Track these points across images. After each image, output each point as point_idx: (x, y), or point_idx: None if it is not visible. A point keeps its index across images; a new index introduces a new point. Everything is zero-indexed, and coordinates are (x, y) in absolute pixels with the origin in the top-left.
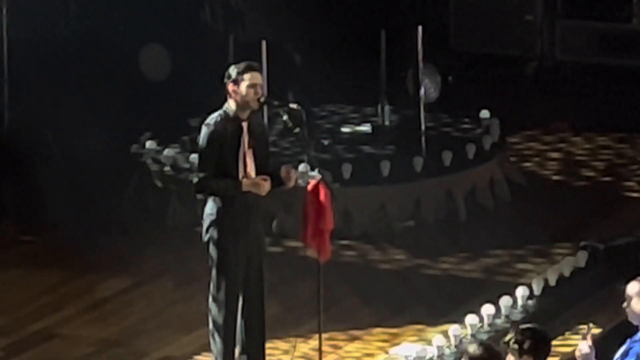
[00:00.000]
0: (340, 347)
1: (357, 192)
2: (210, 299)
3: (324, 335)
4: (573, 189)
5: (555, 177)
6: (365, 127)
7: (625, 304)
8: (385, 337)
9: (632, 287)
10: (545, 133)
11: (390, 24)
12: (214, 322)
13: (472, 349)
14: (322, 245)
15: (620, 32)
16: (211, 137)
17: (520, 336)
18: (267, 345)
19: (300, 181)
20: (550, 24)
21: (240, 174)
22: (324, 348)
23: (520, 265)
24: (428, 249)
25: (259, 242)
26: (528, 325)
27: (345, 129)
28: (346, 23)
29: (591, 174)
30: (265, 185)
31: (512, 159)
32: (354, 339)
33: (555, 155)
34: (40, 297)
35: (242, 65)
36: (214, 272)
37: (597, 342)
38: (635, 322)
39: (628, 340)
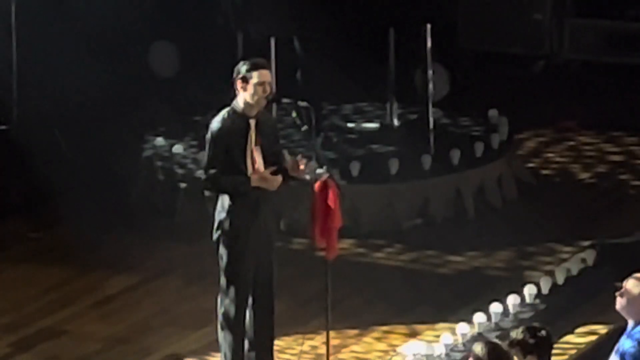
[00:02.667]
0: (347, 345)
1: (365, 190)
2: (220, 296)
3: (331, 333)
4: (581, 188)
5: (564, 176)
6: (374, 125)
7: (621, 294)
8: (393, 335)
9: (633, 284)
10: (553, 131)
11: (399, 22)
12: (224, 319)
13: (479, 348)
14: (330, 243)
15: (628, 30)
16: (219, 134)
17: (524, 335)
18: (276, 342)
19: (308, 176)
20: (559, 22)
21: (249, 171)
22: (332, 345)
23: (528, 264)
24: (436, 247)
25: (269, 239)
26: (532, 324)
27: (353, 127)
28: (355, 21)
29: (599, 172)
30: (275, 180)
31: (521, 157)
32: (361, 336)
33: (563, 153)
34: (47, 293)
35: (250, 62)
36: (223, 269)
37: (604, 341)
38: (623, 315)
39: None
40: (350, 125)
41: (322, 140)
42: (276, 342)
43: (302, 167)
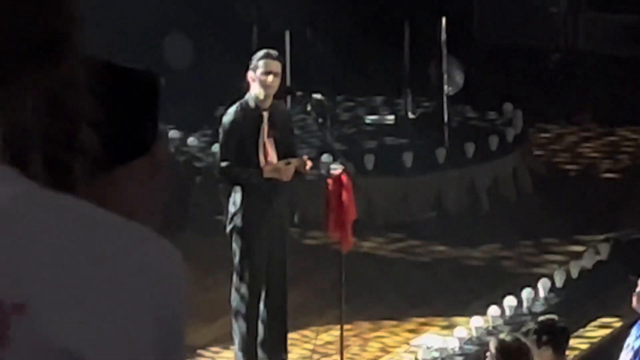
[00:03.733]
0: (361, 338)
1: (379, 182)
2: (233, 288)
3: (345, 326)
4: (596, 181)
5: (578, 169)
6: (388, 118)
7: (638, 295)
8: (406, 328)
9: None
10: (568, 125)
11: (415, 15)
12: (237, 312)
13: (494, 343)
14: (345, 236)
15: None
16: (231, 126)
17: (539, 328)
18: (290, 334)
19: (322, 171)
20: (574, 15)
21: (261, 163)
22: (345, 338)
23: (543, 257)
24: (450, 240)
25: (282, 231)
26: (547, 316)
27: (368, 120)
28: (370, 14)
29: (614, 166)
30: (288, 170)
31: (535, 150)
32: (375, 329)
33: (578, 147)
34: None
35: (259, 53)
36: (237, 262)
37: (618, 335)
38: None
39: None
40: (364, 118)
41: (336, 133)
42: (290, 334)
43: (308, 166)
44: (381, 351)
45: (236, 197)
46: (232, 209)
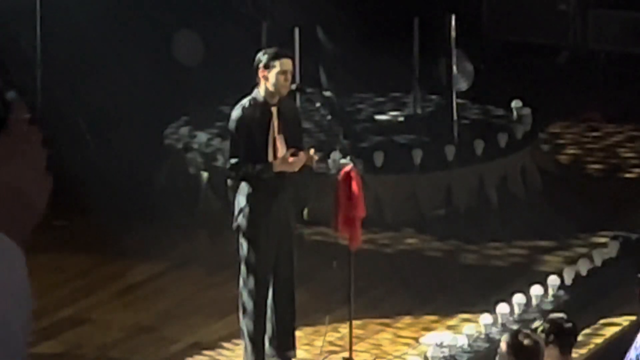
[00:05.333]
0: (370, 335)
1: (388, 180)
2: (241, 285)
3: (354, 323)
4: (605, 179)
5: (587, 167)
6: (398, 115)
7: None
8: (415, 325)
9: None
10: (577, 122)
11: (424, 12)
12: (245, 308)
13: (506, 339)
14: (354, 233)
15: None
16: (240, 123)
17: (547, 326)
18: (298, 331)
19: (332, 168)
20: (583, 13)
21: (270, 159)
22: (354, 335)
23: (552, 255)
24: (459, 237)
25: (289, 227)
26: (556, 315)
27: (378, 117)
28: (380, 11)
29: (623, 163)
30: (296, 160)
31: (544, 148)
32: (384, 326)
33: (587, 144)
34: (71, 281)
35: (272, 51)
36: (244, 258)
37: (628, 333)
38: None
39: None
40: (374, 115)
41: (345, 130)
42: (299, 331)
43: (315, 158)
44: (390, 348)
45: (243, 194)
46: (238, 205)
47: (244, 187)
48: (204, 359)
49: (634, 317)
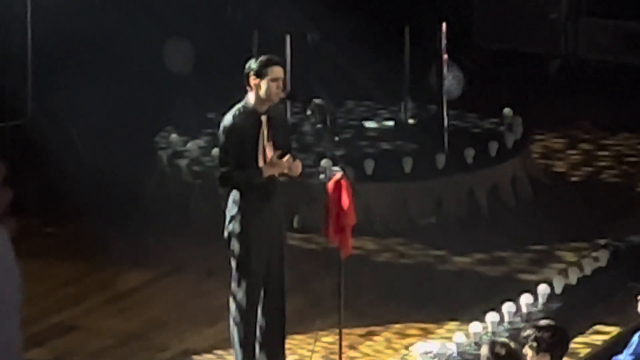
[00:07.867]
0: (360, 343)
1: (379, 188)
2: (232, 292)
3: (344, 331)
4: (595, 188)
5: (577, 176)
6: (388, 123)
7: None
8: (405, 333)
9: None
10: (568, 131)
11: (414, 20)
12: (235, 316)
13: (485, 348)
14: (344, 241)
15: None
16: (231, 130)
17: (538, 333)
18: (288, 339)
19: (322, 176)
20: (574, 22)
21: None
22: (344, 344)
23: (542, 263)
24: (449, 245)
25: (280, 234)
26: (547, 322)
27: (368, 125)
28: (370, 19)
29: (613, 172)
30: (283, 162)
31: (535, 156)
32: (374, 334)
33: (577, 153)
34: (61, 289)
35: (264, 59)
36: (235, 266)
37: (617, 341)
38: None
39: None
40: (364, 123)
41: (336, 138)
42: (289, 339)
43: (299, 167)
44: (380, 356)
45: (234, 201)
46: (229, 212)
47: (235, 194)
48: None
49: (624, 327)
